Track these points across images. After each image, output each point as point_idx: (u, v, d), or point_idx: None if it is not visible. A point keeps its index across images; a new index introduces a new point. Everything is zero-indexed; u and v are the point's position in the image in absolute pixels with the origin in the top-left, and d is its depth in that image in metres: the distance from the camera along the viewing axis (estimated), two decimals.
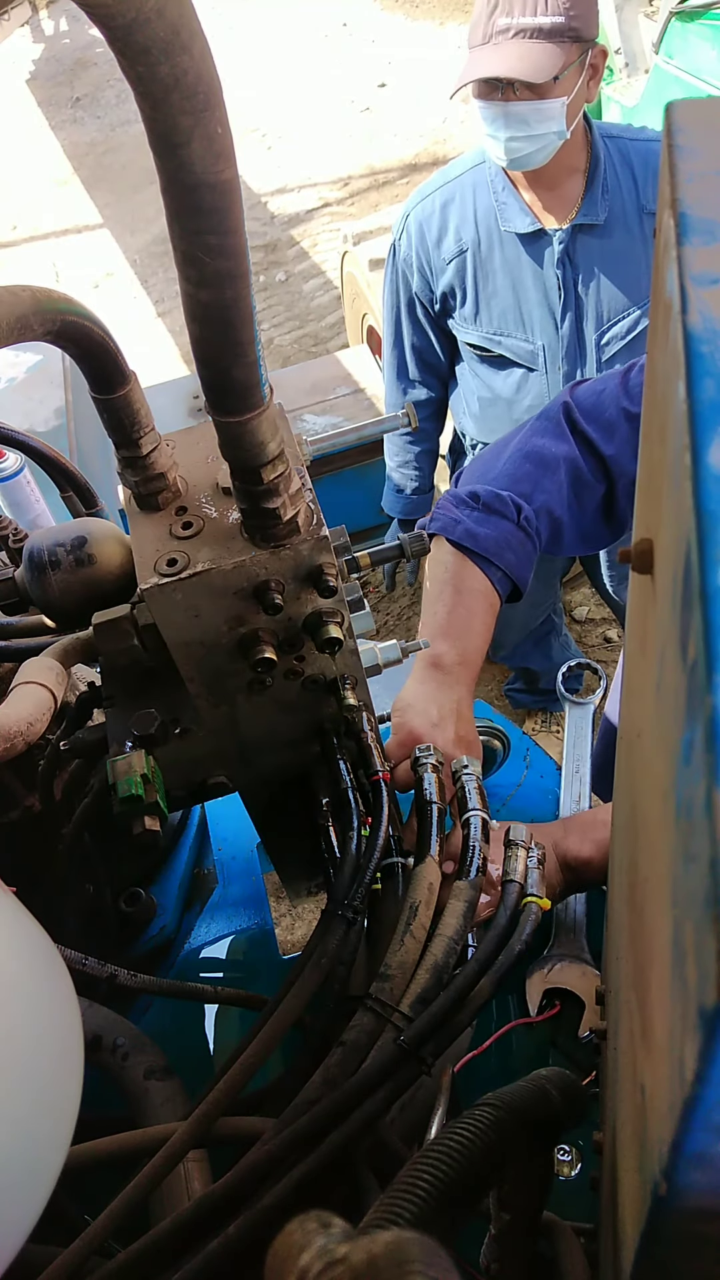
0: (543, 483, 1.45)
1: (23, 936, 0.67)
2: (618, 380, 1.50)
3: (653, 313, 0.53)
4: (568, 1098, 0.69)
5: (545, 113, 2.09)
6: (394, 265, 2.51)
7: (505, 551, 1.40)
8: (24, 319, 0.66)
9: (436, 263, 2.41)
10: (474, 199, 2.34)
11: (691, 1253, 0.42)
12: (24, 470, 2.23)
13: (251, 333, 0.63)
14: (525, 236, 2.29)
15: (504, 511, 1.42)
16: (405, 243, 2.45)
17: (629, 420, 1.46)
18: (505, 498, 1.43)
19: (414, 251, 2.43)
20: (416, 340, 2.58)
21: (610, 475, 1.49)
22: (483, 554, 1.38)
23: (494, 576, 1.39)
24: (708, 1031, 0.28)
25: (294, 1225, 0.36)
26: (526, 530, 1.43)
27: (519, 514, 1.42)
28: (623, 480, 1.48)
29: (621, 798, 0.72)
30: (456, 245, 2.36)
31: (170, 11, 0.47)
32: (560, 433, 1.49)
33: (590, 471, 1.48)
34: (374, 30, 7.85)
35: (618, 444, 1.46)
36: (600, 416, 1.48)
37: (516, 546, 1.41)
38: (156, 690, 0.93)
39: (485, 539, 1.39)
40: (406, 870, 0.92)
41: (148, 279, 6.29)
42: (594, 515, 1.52)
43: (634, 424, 1.45)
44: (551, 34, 2.02)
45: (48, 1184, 0.59)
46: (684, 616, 0.34)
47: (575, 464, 1.47)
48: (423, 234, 2.40)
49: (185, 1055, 1.24)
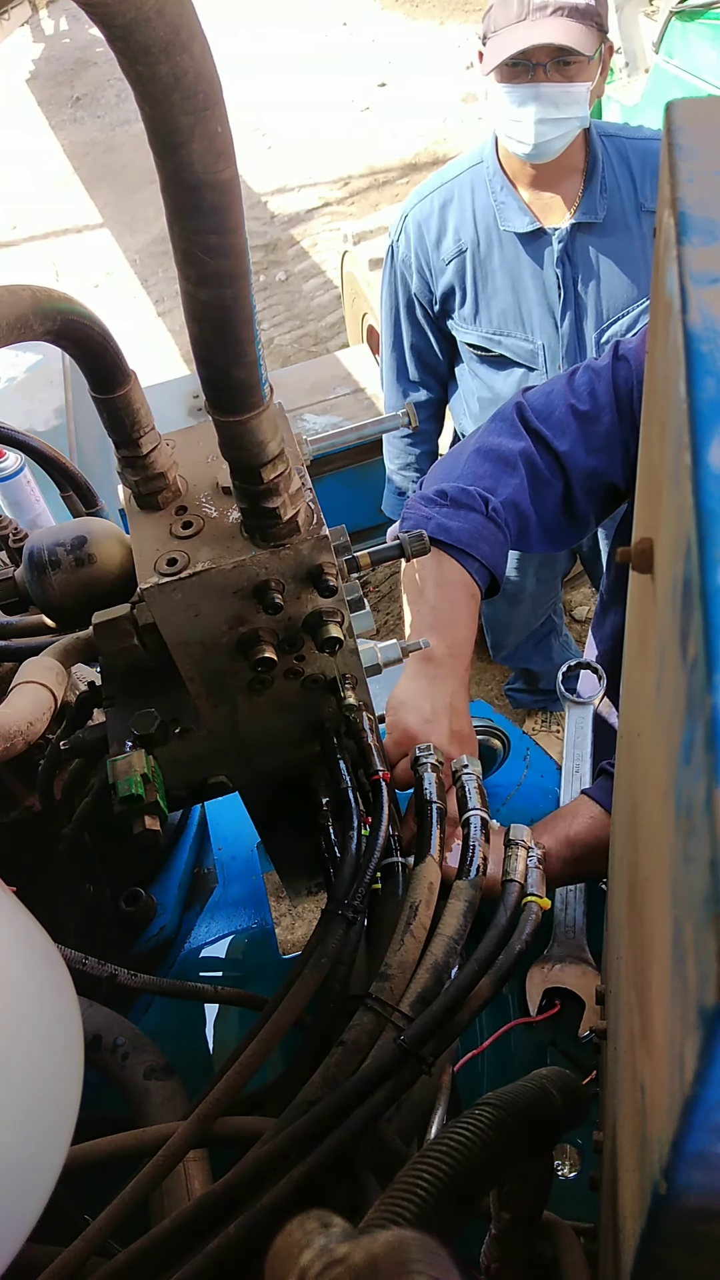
0: (504, 478, 1.50)
1: (23, 936, 0.67)
2: (564, 381, 1.57)
3: (653, 312, 0.53)
4: (568, 1097, 0.69)
5: (573, 96, 2.09)
6: (392, 266, 2.51)
7: (479, 543, 1.42)
8: (24, 318, 0.66)
9: (436, 263, 2.40)
10: (472, 199, 2.34)
11: (691, 1252, 0.42)
12: (24, 470, 2.23)
13: (251, 332, 0.63)
14: (524, 236, 2.29)
15: (472, 505, 1.45)
16: (404, 244, 2.44)
17: (576, 417, 1.53)
18: (472, 492, 1.46)
19: (413, 252, 2.42)
20: (416, 341, 2.58)
21: (565, 471, 1.54)
22: (458, 546, 1.40)
23: (471, 568, 1.41)
24: (708, 1031, 0.28)
25: (294, 1225, 0.36)
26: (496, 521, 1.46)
27: (487, 506, 1.45)
28: (577, 475, 1.54)
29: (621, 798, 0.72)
30: (455, 246, 2.36)
31: (170, 11, 0.47)
32: (515, 431, 1.54)
33: (547, 469, 1.53)
34: (374, 30, 7.85)
35: (569, 441, 1.53)
36: (551, 415, 1.54)
37: (489, 537, 1.44)
38: (156, 690, 0.93)
39: (458, 531, 1.40)
40: (406, 870, 0.92)
41: (147, 279, 6.29)
42: (555, 512, 1.57)
43: (581, 420, 1.53)
44: (586, 15, 2.04)
45: (48, 1184, 0.59)
46: (684, 616, 0.34)
47: (532, 460, 1.52)
48: (421, 235, 2.39)
49: (185, 1055, 1.24)
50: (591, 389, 1.55)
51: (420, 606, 1.38)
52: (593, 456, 1.54)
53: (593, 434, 1.54)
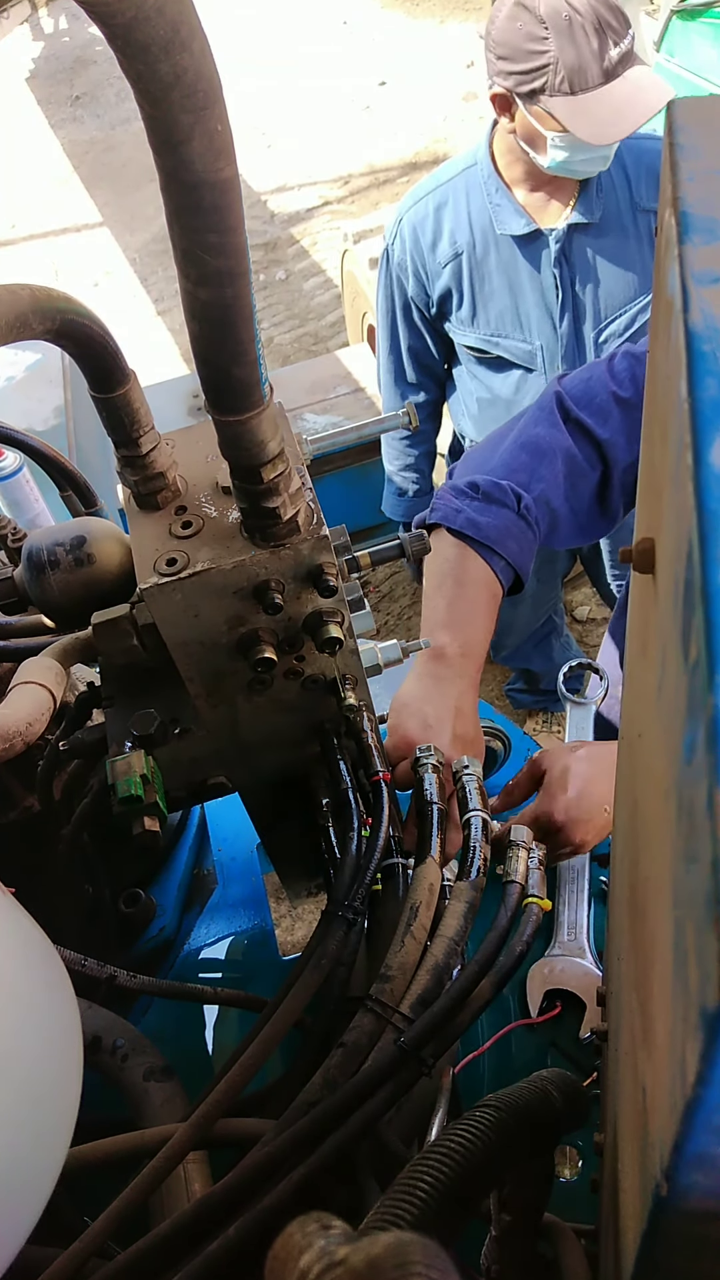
0: (539, 471, 1.46)
1: (22, 937, 0.67)
2: (604, 367, 1.52)
3: (654, 311, 0.53)
4: (569, 1099, 0.69)
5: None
6: (388, 270, 2.50)
7: (508, 540, 1.39)
8: (23, 317, 0.66)
9: (432, 267, 2.40)
10: (467, 201, 2.33)
11: (692, 1254, 0.42)
12: (23, 470, 2.23)
13: (251, 331, 0.63)
14: (520, 238, 2.29)
15: (504, 500, 1.42)
16: (399, 247, 2.43)
17: (619, 404, 1.49)
18: (505, 486, 1.43)
19: (409, 256, 2.41)
20: (413, 344, 2.58)
21: (605, 460, 1.50)
22: (486, 543, 1.37)
23: (497, 566, 1.38)
24: (709, 1032, 0.28)
25: (294, 1227, 0.36)
26: (527, 519, 1.43)
27: (519, 502, 1.42)
28: (616, 465, 1.50)
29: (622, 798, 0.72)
30: (451, 249, 2.35)
31: (170, 9, 0.47)
32: (554, 421, 1.50)
33: (585, 458, 1.49)
34: (374, 29, 7.85)
35: (611, 428, 1.49)
36: (592, 402, 1.50)
37: (518, 535, 1.41)
38: (156, 690, 0.93)
39: (488, 527, 1.38)
40: (407, 871, 0.92)
41: (147, 278, 6.29)
42: (589, 503, 1.53)
43: (624, 408, 1.48)
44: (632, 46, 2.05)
45: (48, 1185, 0.59)
46: (685, 616, 0.34)
47: (570, 452, 1.48)
48: (417, 238, 2.39)
49: (185, 1056, 1.24)
50: (633, 374, 1.50)
51: (437, 601, 1.36)
52: (634, 444, 1.49)
53: (636, 421, 1.48)
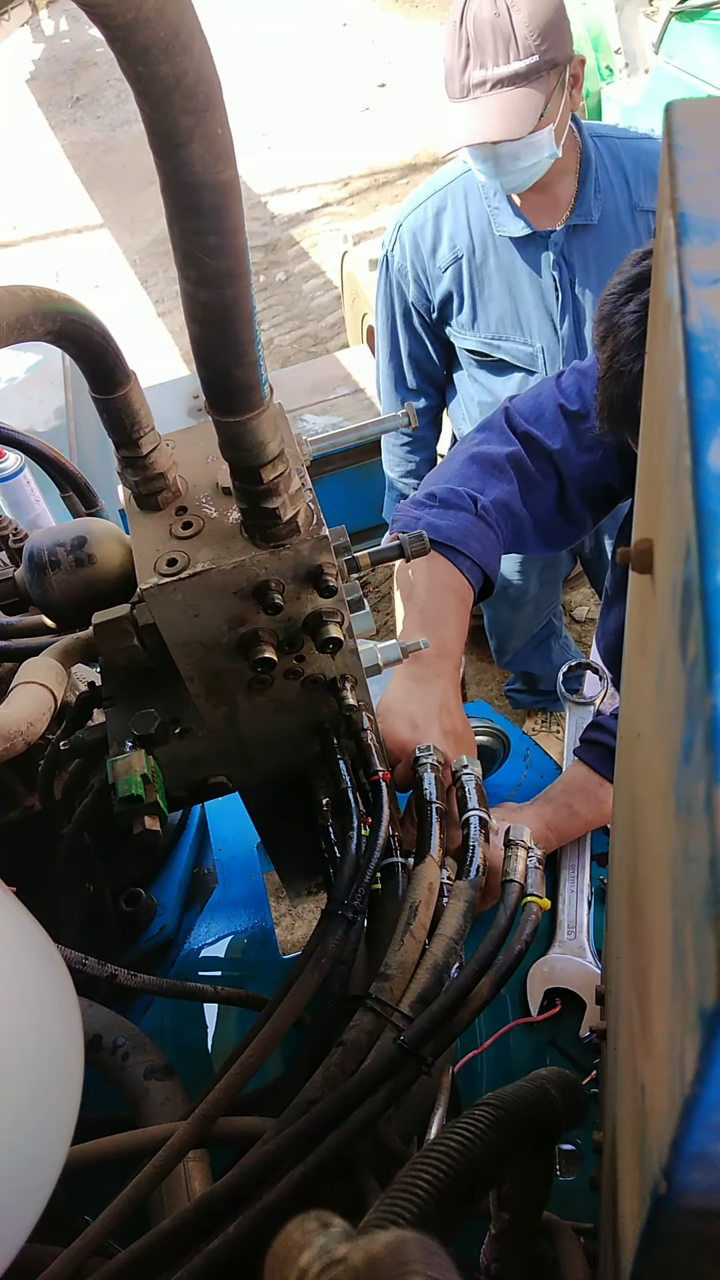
0: (492, 481, 1.52)
1: (23, 936, 0.67)
2: (552, 384, 1.61)
3: (652, 313, 0.53)
4: (568, 1097, 0.69)
5: (535, 146, 2.08)
6: (387, 276, 2.49)
7: (470, 540, 1.42)
8: (24, 319, 0.66)
9: (432, 271, 2.39)
10: (466, 205, 2.33)
11: (691, 1252, 0.42)
12: (24, 470, 2.23)
13: (251, 333, 0.63)
14: (519, 240, 2.29)
15: (461, 504, 1.46)
16: (399, 253, 2.42)
17: (567, 417, 1.57)
18: (460, 492, 1.47)
19: (408, 261, 2.41)
20: (413, 350, 2.56)
21: (559, 471, 1.57)
22: (448, 544, 1.40)
23: (463, 566, 1.41)
24: (707, 1031, 0.28)
25: (294, 1225, 0.37)
26: (486, 520, 1.47)
27: (475, 504, 1.47)
28: (570, 474, 1.57)
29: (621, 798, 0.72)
30: (451, 253, 2.35)
31: (170, 11, 0.47)
32: (505, 438, 1.57)
33: (539, 470, 1.56)
34: (374, 30, 7.84)
35: (561, 439, 1.56)
36: (541, 416, 1.58)
37: (479, 535, 1.45)
38: (156, 690, 0.93)
39: (448, 529, 1.41)
40: (406, 870, 0.92)
41: (148, 279, 6.29)
42: (550, 512, 1.60)
43: (572, 421, 1.57)
44: (529, 76, 1.99)
45: (48, 1184, 0.59)
46: (684, 616, 0.34)
47: (522, 464, 1.55)
48: (416, 243, 2.38)
49: (185, 1055, 1.24)
50: (579, 389, 1.57)
51: (409, 608, 1.39)
52: (585, 454, 1.56)
53: (584, 432, 1.56)
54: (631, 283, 1.25)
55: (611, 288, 1.27)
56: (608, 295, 1.27)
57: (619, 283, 1.26)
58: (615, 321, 1.24)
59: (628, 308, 1.23)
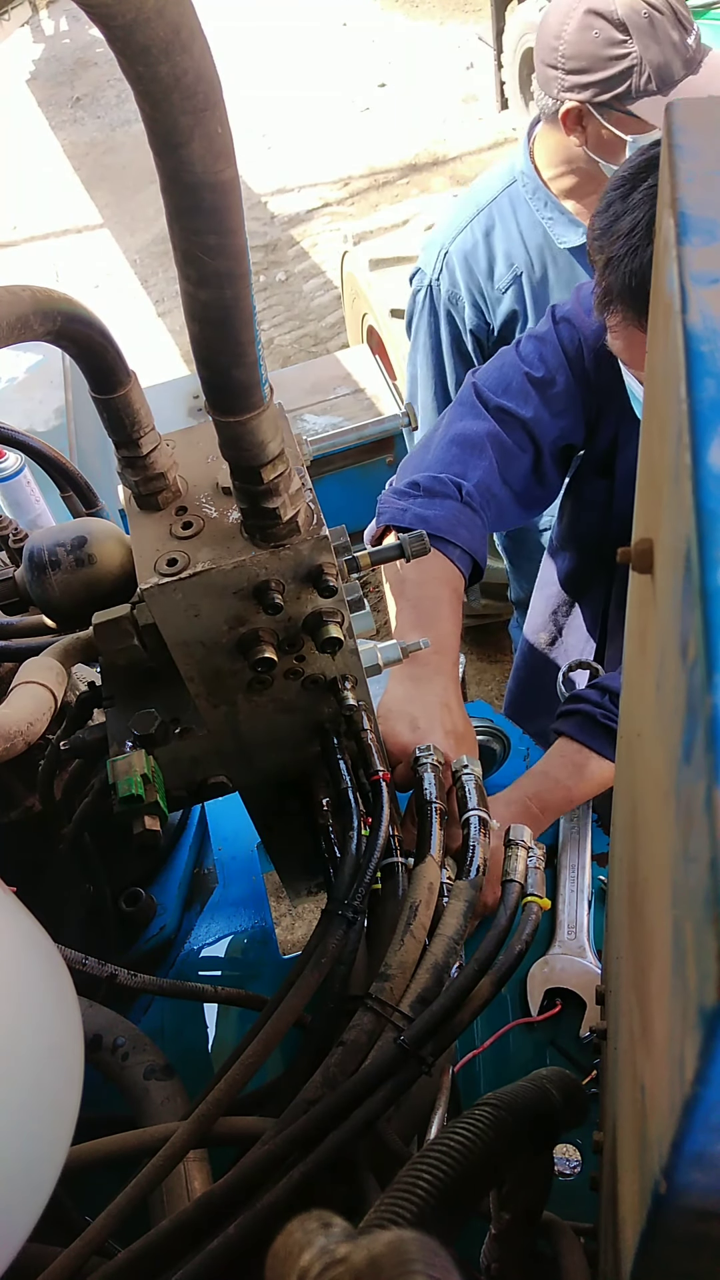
0: (473, 462, 1.52)
1: (23, 936, 0.67)
2: (512, 353, 1.64)
3: (652, 312, 0.53)
4: (568, 1097, 0.69)
5: None
6: (430, 307, 2.34)
7: (458, 529, 1.42)
8: (24, 318, 0.66)
9: (491, 294, 2.28)
10: (516, 220, 2.23)
11: (691, 1252, 0.42)
12: (24, 470, 2.23)
13: (251, 333, 0.63)
14: (578, 249, 2.18)
15: (446, 492, 1.46)
16: (447, 279, 2.30)
17: (534, 384, 1.60)
18: (444, 479, 1.47)
19: (462, 288, 2.29)
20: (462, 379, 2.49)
21: (534, 438, 1.59)
22: (438, 535, 1.40)
23: (453, 555, 1.41)
24: (708, 1031, 0.28)
25: (294, 1225, 0.36)
26: (472, 506, 1.48)
27: (460, 491, 1.47)
28: (545, 440, 1.60)
29: (621, 798, 0.72)
30: (510, 272, 2.25)
31: (170, 11, 0.47)
32: (478, 413, 1.58)
33: (515, 442, 1.58)
34: (374, 30, 7.84)
35: (533, 407, 1.58)
36: (509, 387, 1.60)
37: (467, 523, 1.45)
38: (156, 690, 0.93)
39: (436, 520, 1.41)
40: (407, 870, 0.92)
41: (148, 279, 6.29)
42: (526, 481, 1.62)
43: (539, 387, 1.60)
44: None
45: (48, 1184, 0.59)
46: (684, 616, 0.34)
47: (498, 438, 1.56)
48: (470, 268, 2.27)
49: (185, 1055, 1.24)
50: (540, 355, 1.60)
51: (402, 605, 1.39)
52: (558, 419, 1.60)
53: (552, 397, 1.59)
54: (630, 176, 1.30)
55: (611, 186, 1.32)
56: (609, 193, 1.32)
57: (619, 176, 1.31)
58: (627, 205, 1.27)
59: (632, 197, 1.27)
